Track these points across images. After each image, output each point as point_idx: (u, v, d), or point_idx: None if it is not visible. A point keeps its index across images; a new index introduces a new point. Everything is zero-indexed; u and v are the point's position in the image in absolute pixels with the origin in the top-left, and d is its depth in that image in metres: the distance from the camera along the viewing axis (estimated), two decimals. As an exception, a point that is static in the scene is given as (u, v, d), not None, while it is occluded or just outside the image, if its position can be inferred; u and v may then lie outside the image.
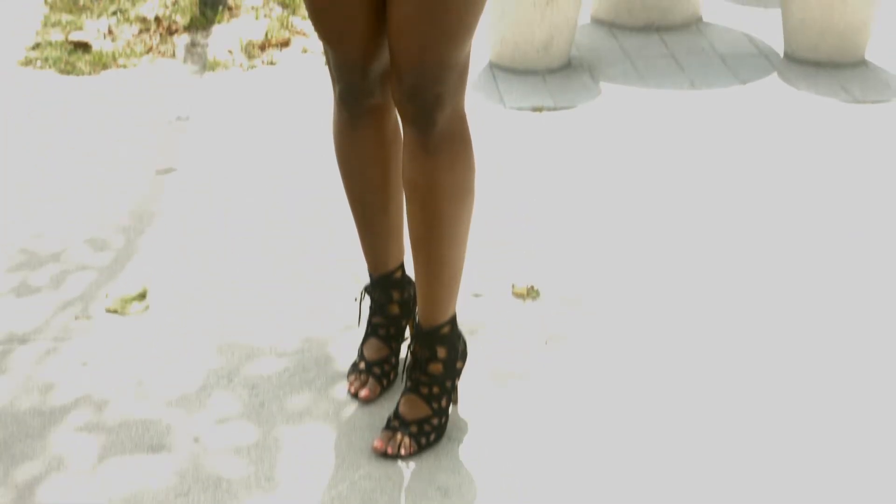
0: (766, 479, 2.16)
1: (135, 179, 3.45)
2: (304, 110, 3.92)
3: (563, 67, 4.22)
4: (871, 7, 4.18)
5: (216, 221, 3.21)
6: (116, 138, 3.73)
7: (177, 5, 4.84)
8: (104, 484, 2.15)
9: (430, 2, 2.11)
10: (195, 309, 2.78)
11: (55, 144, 3.69)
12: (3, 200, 3.34)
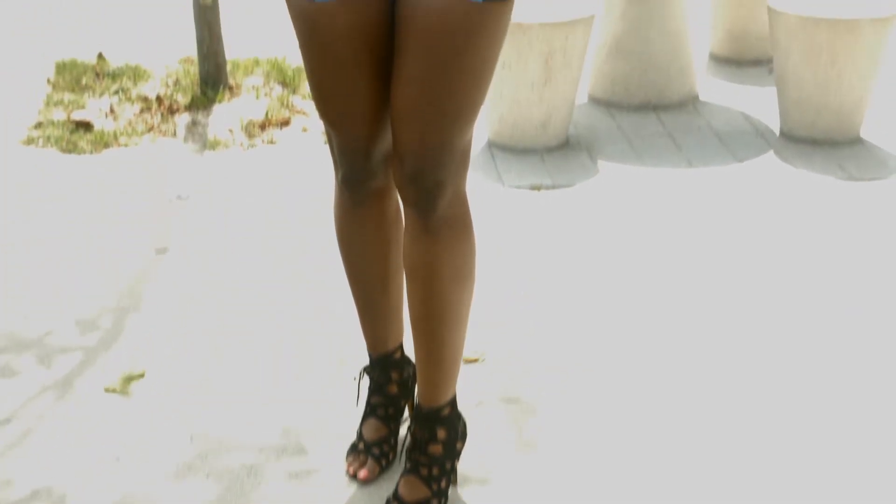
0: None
1: (133, 258, 3.46)
2: (303, 189, 3.94)
3: (561, 146, 4.26)
4: (866, 85, 4.23)
5: (212, 301, 3.21)
6: (116, 217, 3.74)
7: (178, 85, 4.88)
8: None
9: (434, 86, 2.13)
10: (185, 388, 2.77)
11: (55, 223, 3.70)
12: (3, 278, 3.35)
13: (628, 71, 4.61)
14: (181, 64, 5.17)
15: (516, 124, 4.18)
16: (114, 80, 4.98)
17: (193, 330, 3.06)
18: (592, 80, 4.73)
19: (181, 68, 5.10)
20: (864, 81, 4.21)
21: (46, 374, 2.86)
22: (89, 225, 3.69)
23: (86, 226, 3.68)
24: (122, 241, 3.58)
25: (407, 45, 2.15)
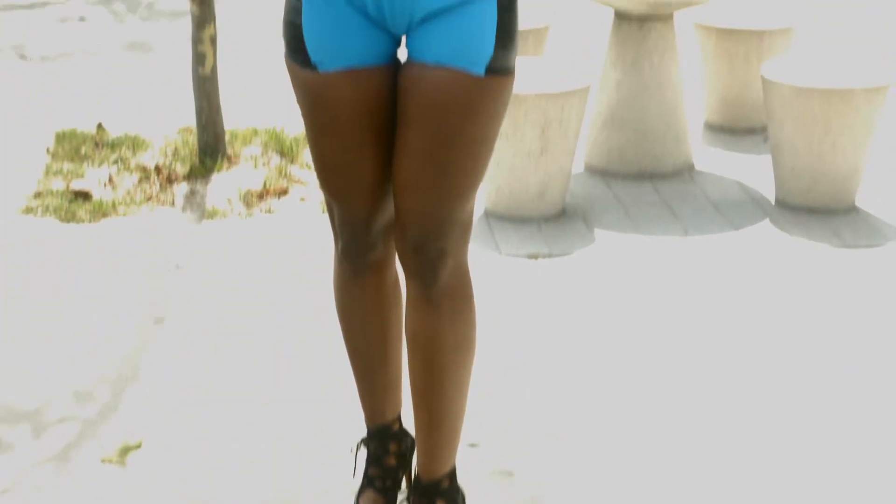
0: None
1: (131, 328, 3.47)
2: (302, 260, 3.95)
3: (558, 215, 4.28)
4: (860, 154, 4.26)
5: (208, 373, 3.21)
6: (114, 286, 3.75)
7: (177, 155, 4.91)
8: None
9: (436, 159, 2.16)
10: (181, 464, 2.76)
11: (53, 292, 3.71)
12: (1, 348, 3.35)
13: (624, 140, 4.64)
14: (180, 134, 5.20)
15: (513, 194, 4.20)
16: (113, 149, 5.01)
17: (191, 401, 3.06)
18: (588, 149, 4.77)
19: (180, 138, 5.14)
20: (859, 150, 4.25)
21: (43, 445, 2.85)
22: (87, 294, 3.69)
23: (84, 295, 3.69)
24: (120, 311, 3.58)
25: (410, 117, 2.17)
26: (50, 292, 3.72)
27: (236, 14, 7.84)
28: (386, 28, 2.21)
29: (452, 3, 2.13)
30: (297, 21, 2.22)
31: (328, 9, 2.19)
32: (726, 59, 5.16)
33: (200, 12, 4.72)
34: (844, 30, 7.29)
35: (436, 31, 2.14)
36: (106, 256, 3.99)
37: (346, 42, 2.19)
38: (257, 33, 7.28)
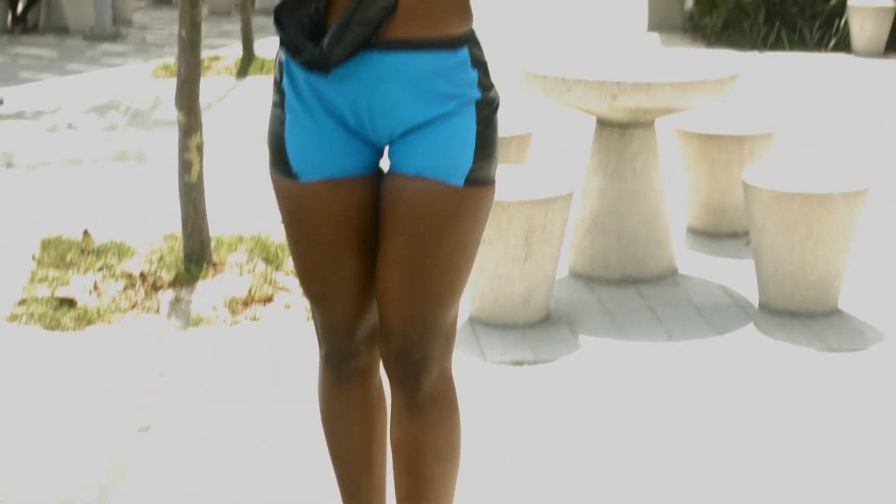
0: None
1: (115, 436, 3.44)
2: (287, 367, 3.95)
3: (543, 321, 4.29)
4: (841, 258, 4.30)
5: (194, 481, 3.19)
6: (98, 394, 3.73)
7: (162, 262, 4.93)
8: None
9: (419, 268, 2.18)
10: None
11: (36, 401, 3.69)
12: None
13: (608, 246, 4.68)
14: (166, 241, 5.22)
15: (497, 300, 4.22)
16: (98, 256, 5.02)
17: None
18: (572, 255, 4.80)
19: (165, 245, 5.16)
20: (840, 254, 4.28)
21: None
22: (71, 402, 3.68)
23: (68, 403, 3.67)
24: (105, 419, 3.56)
25: (392, 226, 2.20)
26: (34, 400, 3.70)
27: (223, 122, 7.93)
28: (367, 139, 2.25)
29: (432, 117, 2.18)
30: (281, 132, 2.26)
31: (310, 120, 2.23)
32: (708, 164, 5.23)
33: (187, 121, 4.77)
34: (824, 134, 7.40)
35: (416, 143, 2.18)
36: (90, 364, 3.98)
37: (328, 153, 2.22)
38: (243, 141, 7.35)
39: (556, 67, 4.51)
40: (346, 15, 2.10)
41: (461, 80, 2.20)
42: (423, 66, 2.17)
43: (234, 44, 11.47)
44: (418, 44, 2.15)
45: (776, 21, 11.17)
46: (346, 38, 2.10)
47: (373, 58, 2.15)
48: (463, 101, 2.20)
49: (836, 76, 9.64)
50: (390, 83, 2.16)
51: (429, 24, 2.16)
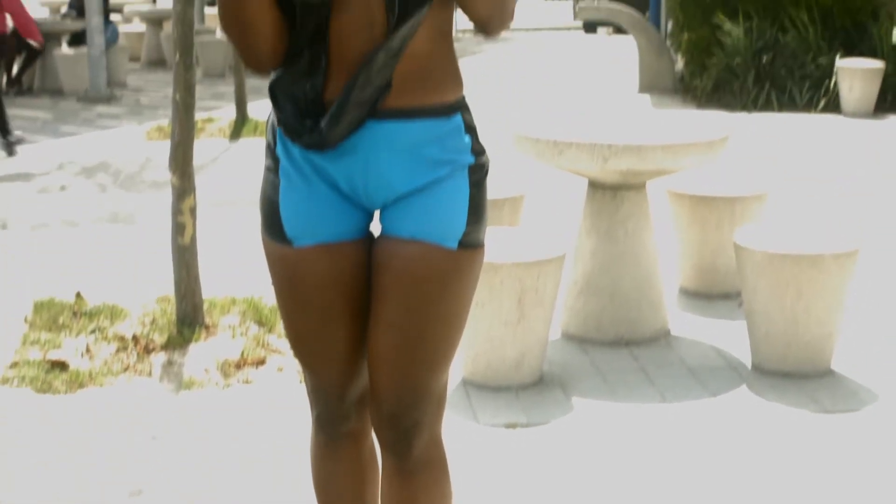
0: None
1: (105, 501, 3.42)
2: (279, 430, 3.93)
3: (536, 383, 4.28)
4: (833, 318, 4.30)
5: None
6: (89, 458, 3.71)
7: (155, 324, 4.92)
8: None
9: (411, 332, 2.19)
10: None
11: (27, 465, 3.67)
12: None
13: (600, 307, 4.68)
14: (158, 303, 5.22)
15: (490, 362, 4.21)
16: (91, 319, 5.02)
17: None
18: (565, 316, 4.80)
19: (158, 307, 5.15)
20: (832, 315, 4.29)
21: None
22: (63, 466, 3.65)
23: (59, 467, 3.65)
24: (97, 483, 3.54)
25: (384, 290, 2.21)
26: (24, 464, 3.68)
27: (216, 183, 7.95)
28: (360, 204, 2.26)
29: (426, 182, 2.19)
30: (275, 197, 2.27)
31: (304, 186, 2.24)
32: (699, 225, 5.25)
33: (181, 184, 4.78)
34: (815, 195, 7.44)
35: (410, 207, 2.20)
36: (82, 428, 3.96)
37: (322, 218, 2.24)
38: (236, 202, 7.37)
39: (547, 130, 4.54)
40: (343, 95, 2.13)
41: (455, 147, 2.22)
42: (418, 134, 2.19)
43: (227, 105, 11.53)
44: (413, 112, 2.18)
45: (766, 82, 11.26)
46: (343, 119, 2.13)
47: (368, 127, 2.17)
48: (456, 167, 2.22)
49: (825, 137, 9.70)
50: (385, 151, 2.19)
51: (423, 93, 2.19)
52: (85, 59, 12.87)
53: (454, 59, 2.26)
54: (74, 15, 14.43)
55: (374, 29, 2.14)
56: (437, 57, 2.20)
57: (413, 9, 2.12)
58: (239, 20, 2.13)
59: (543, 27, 24.46)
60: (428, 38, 2.17)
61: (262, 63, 2.18)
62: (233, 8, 2.12)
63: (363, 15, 2.15)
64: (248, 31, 2.13)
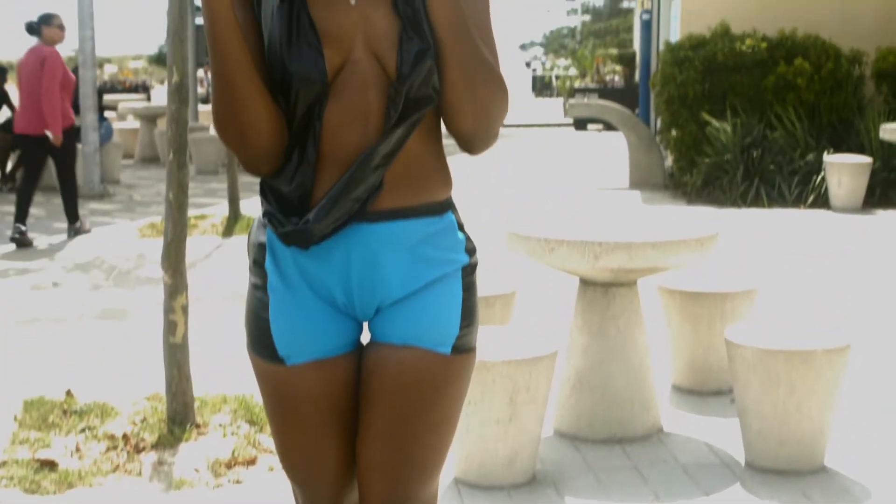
0: None
1: None
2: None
3: (528, 482, 4.25)
4: (825, 415, 4.29)
5: None
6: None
7: (145, 423, 4.89)
8: None
9: (401, 440, 2.17)
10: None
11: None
12: None
13: (592, 405, 4.67)
14: (149, 401, 5.19)
15: (482, 461, 4.18)
16: (81, 417, 4.98)
17: None
18: (557, 414, 4.78)
19: (149, 406, 5.13)
20: (824, 411, 4.28)
21: None
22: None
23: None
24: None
25: (375, 398, 2.19)
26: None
27: (208, 280, 7.96)
28: (352, 315, 2.24)
29: (418, 286, 2.19)
30: (264, 315, 2.25)
31: (295, 300, 2.22)
32: (691, 321, 5.26)
33: (173, 282, 4.79)
34: (806, 291, 7.46)
35: (402, 313, 2.18)
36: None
37: (315, 334, 2.21)
38: (228, 300, 7.37)
39: (538, 228, 4.56)
40: (335, 191, 2.11)
41: (449, 245, 2.22)
42: (411, 234, 2.18)
43: (220, 202, 11.58)
44: (405, 212, 2.18)
45: (755, 178, 11.36)
46: (332, 214, 2.12)
47: (361, 229, 2.16)
48: (450, 267, 2.21)
49: (815, 232, 9.77)
50: (379, 253, 2.17)
51: (414, 192, 2.18)
52: (79, 156, 12.96)
53: (444, 158, 2.26)
54: (69, 112, 14.55)
55: (370, 124, 2.14)
56: (428, 156, 2.20)
57: (413, 111, 2.13)
58: (239, 120, 2.11)
59: (534, 124, 24.71)
60: (420, 137, 2.18)
61: (261, 165, 2.16)
62: (231, 108, 2.10)
63: (359, 107, 2.14)
64: (247, 130, 2.11)
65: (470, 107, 2.14)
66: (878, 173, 11.24)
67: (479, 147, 2.21)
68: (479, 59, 2.13)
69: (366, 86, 2.14)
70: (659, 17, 16.53)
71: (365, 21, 2.15)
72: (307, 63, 2.11)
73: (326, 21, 2.14)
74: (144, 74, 54.59)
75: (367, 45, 2.14)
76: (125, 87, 28.25)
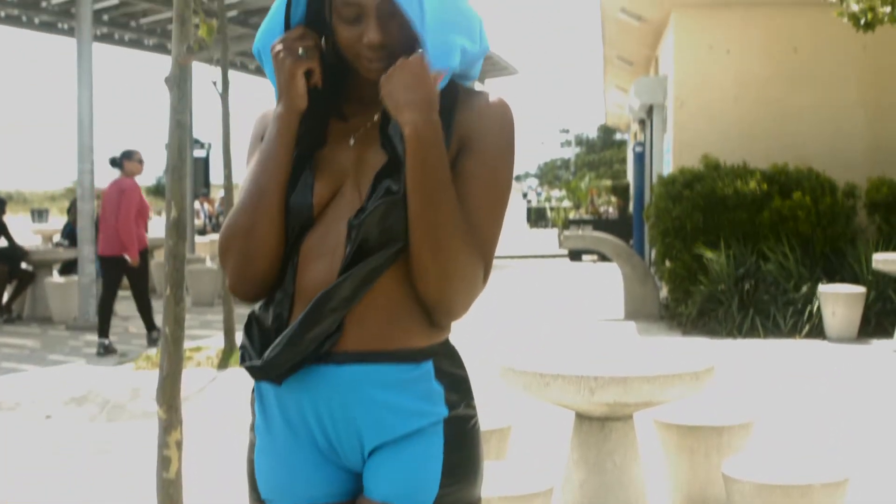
0: None
1: None
2: None
3: None
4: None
5: None
6: None
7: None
8: None
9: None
10: None
11: None
12: None
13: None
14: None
15: None
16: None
17: None
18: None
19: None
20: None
21: None
22: None
23: None
24: None
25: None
26: None
27: (203, 414, 7.91)
28: (340, 463, 2.19)
29: (399, 435, 2.12)
30: (251, 456, 2.23)
31: (277, 444, 2.19)
32: (687, 455, 5.22)
33: (168, 417, 4.76)
34: (803, 421, 7.43)
35: (383, 466, 2.12)
36: None
37: (298, 479, 2.17)
38: (223, 433, 7.32)
39: (533, 362, 4.57)
40: (290, 330, 2.09)
41: (422, 395, 2.13)
42: (378, 379, 2.11)
43: (216, 334, 11.58)
44: (373, 356, 2.11)
45: (750, 309, 11.38)
46: (285, 352, 2.08)
47: (324, 371, 2.11)
48: (426, 420, 2.13)
49: (811, 362, 9.76)
50: (347, 397, 2.11)
51: (386, 337, 2.12)
52: (75, 288, 13.00)
53: None
54: (66, 244, 14.65)
55: (335, 259, 2.12)
56: (405, 300, 2.12)
57: (373, 251, 2.09)
58: (256, 234, 2.13)
59: (529, 255, 24.86)
60: (396, 278, 2.12)
61: (256, 289, 2.17)
62: (253, 219, 2.13)
63: (332, 240, 2.14)
64: (259, 247, 2.13)
65: (433, 274, 2.07)
66: (872, 303, 11.28)
67: (442, 317, 2.13)
68: (449, 227, 2.06)
69: (340, 219, 2.15)
70: (652, 150, 16.75)
71: (359, 159, 2.19)
72: (299, 196, 2.16)
73: (327, 158, 2.20)
74: (142, 206, 55.09)
75: (356, 180, 2.17)
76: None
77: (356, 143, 2.20)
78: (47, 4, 16.10)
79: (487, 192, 2.13)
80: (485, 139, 2.14)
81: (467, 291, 2.09)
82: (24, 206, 60.70)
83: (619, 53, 19.26)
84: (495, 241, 2.15)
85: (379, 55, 2.14)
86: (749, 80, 13.64)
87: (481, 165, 2.13)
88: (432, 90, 2.07)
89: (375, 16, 2.11)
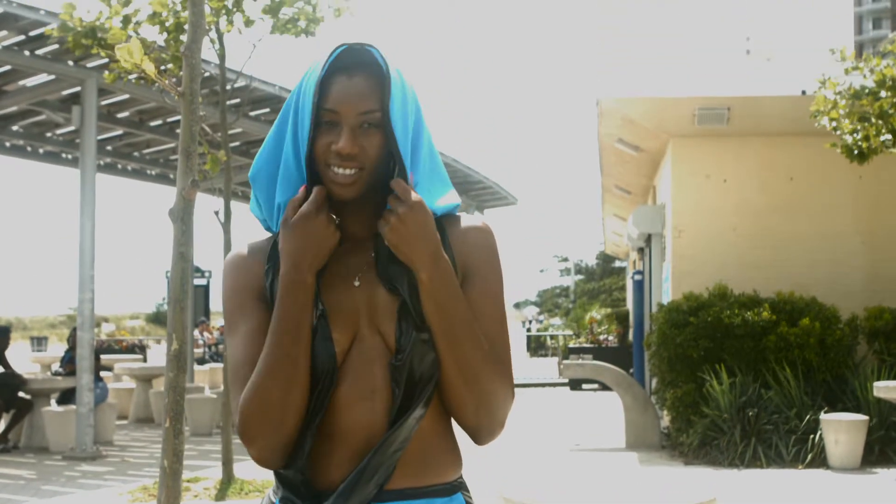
0: None
1: None
2: None
3: None
4: None
5: None
6: None
7: None
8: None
9: None
10: None
11: None
12: None
13: None
14: None
15: None
16: None
17: None
18: None
19: None
20: None
21: None
22: None
23: None
24: None
25: None
26: None
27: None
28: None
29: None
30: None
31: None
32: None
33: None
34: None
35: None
36: None
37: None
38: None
39: (533, 494, 4.53)
40: (354, 476, 2.11)
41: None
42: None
43: (214, 465, 11.47)
44: (412, 492, 2.16)
45: (752, 438, 11.29)
46: (351, 500, 2.11)
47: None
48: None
49: (813, 495, 9.64)
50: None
51: (423, 474, 2.18)
52: (73, 417, 12.91)
53: (454, 437, 2.26)
54: (65, 373, 14.60)
55: (377, 401, 2.15)
56: (436, 437, 2.20)
57: (418, 386, 2.14)
58: (285, 403, 2.11)
59: (529, 384, 24.75)
60: (429, 416, 2.19)
61: (283, 460, 2.17)
62: (283, 388, 2.11)
63: (366, 385, 2.16)
64: (285, 417, 2.12)
65: (471, 403, 2.15)
66: (875, 431, 11.20)
67: (485, 438, 2.22)
68: (478, 357, 2.15)
69: (371, 362, 2.17)
70: (651, 278, 16.80)
71: (368, 299, 2.20)
72: (321, 349, 2.16)
73: (334, 303, 2.20)
74: (142, 333, 55.05)
75: (371, 321, 2.19)
76: (122, 347, 28.39)
77: (361, 284, 2.22)
78: (52, 135, 16.33)
79: (495, 311, 2.24)
80: (484, 266, 2.26)
81: (504, 410, 2.19)
82: (24, 333, 60.66)
83: (617, 183, 19.45)
84: (510, 348, 2.26)
85: (345, 165, 2.17)
86: (746, 209, 13.76)
87: (486, 292, 2.24)
88: (435, 234, 2.14)
89: (351, 125, 2.16)
